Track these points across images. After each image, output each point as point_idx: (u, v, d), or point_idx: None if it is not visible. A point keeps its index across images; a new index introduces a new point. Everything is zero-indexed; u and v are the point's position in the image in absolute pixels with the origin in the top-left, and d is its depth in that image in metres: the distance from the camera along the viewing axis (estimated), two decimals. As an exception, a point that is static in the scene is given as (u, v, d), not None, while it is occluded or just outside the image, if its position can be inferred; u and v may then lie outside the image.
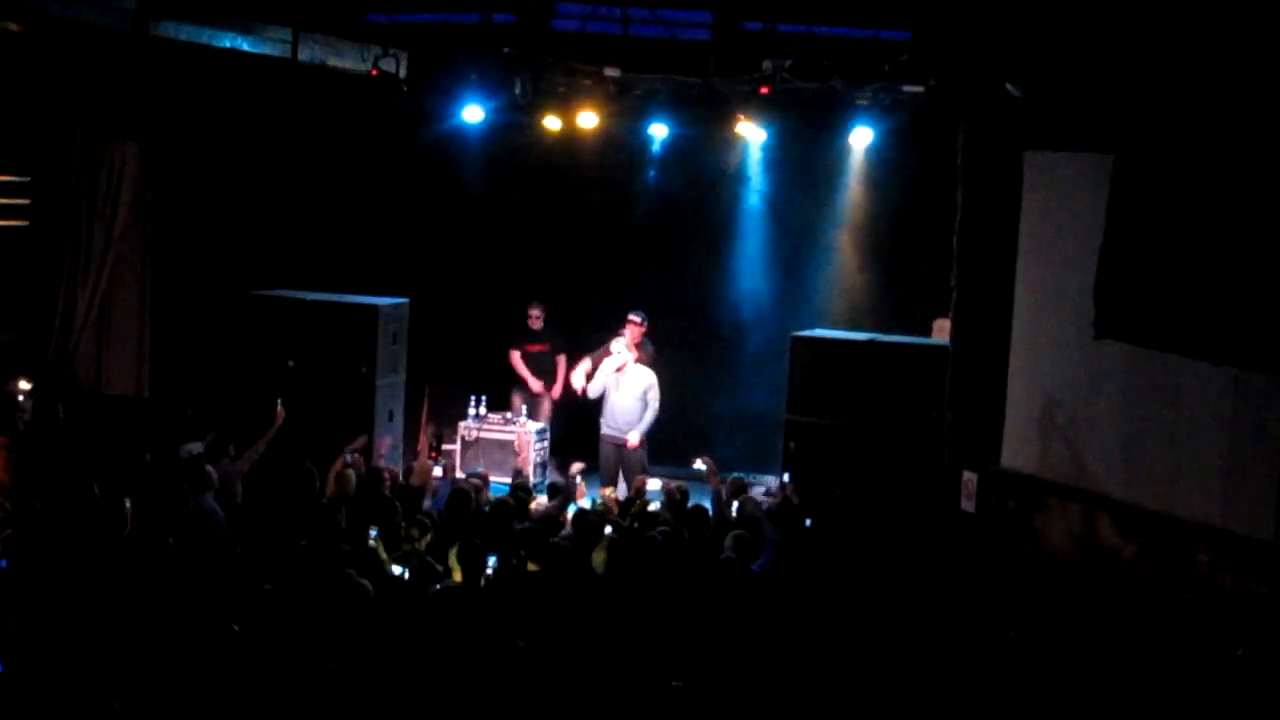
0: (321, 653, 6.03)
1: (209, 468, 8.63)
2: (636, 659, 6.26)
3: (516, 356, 12.50)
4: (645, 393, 11.49)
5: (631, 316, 11.69)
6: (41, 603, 6.56)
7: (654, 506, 9.39)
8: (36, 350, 10.96)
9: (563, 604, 6.92)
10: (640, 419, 11.45)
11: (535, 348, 12.50)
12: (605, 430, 11.58)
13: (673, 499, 9.21)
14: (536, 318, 12.41)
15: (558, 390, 12.42)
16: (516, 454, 11.66)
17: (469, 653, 6.14)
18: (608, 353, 11.54)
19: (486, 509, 8.93)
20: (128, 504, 7.86)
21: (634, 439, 11.39)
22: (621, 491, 10.87)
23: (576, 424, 12.32)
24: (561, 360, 12.44)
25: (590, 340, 12.09)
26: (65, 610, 6.48)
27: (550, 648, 6.29)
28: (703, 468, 10.18)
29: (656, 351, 11.88)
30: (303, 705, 5.71)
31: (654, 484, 10.56)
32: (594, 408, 11.73)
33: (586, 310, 12.68)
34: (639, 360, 11.61)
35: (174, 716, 5.67)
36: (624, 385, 11.48)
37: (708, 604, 6.99)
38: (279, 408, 9.79)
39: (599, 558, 7.83)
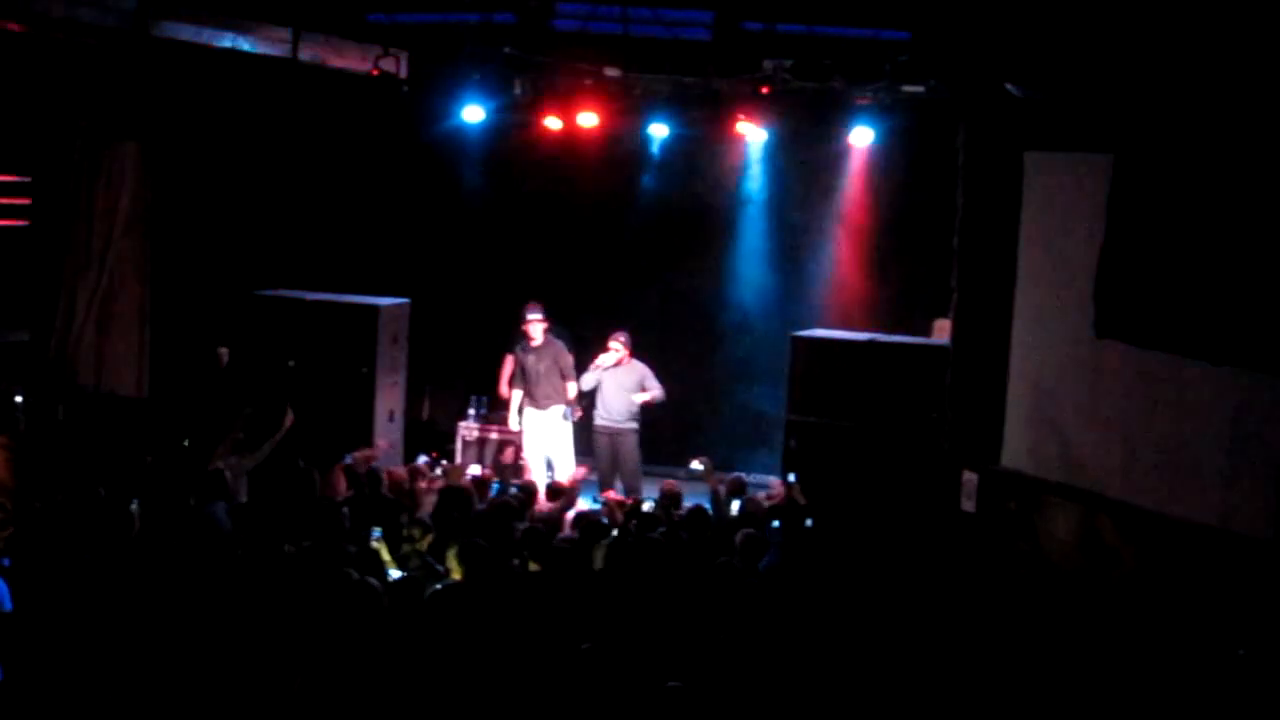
0: (323, 653, 6.03)
1: (227, 474, 8.62)
2: (636, 659, 6.26)
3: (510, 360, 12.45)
4: (639, 385, 11.46)
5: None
6: (45, 603, 6.56)
7: (647, 507, 9.40)
8: (36, 350, 10.97)
9: (563, 604, 6.92)
10: (633, 411, 11.45)
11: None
12: (599, 421, 11.59)
13: (668, 500, 9.22)
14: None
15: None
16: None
17: (469, 652, 6.14)
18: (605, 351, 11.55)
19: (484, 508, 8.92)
20: (134, 506, 7.86)
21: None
22: (620, 492, 10.90)
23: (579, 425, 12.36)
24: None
25: (589, 339, 12.09)
26: (72, 610, 6.48)
27: (550, 647, 6.29)
28: (700, 468, 10.18)
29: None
30: (305, 706, 5.71)
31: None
32: (593, 404, 11.74)
33: (585, 309, 12.67)
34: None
35: (177, 716, 5.68)
36: (616, 377, 11.47)
37: (708, 605, 6.98)
38: (288, 411, 9.77)
39: (599, 555, 7.84)
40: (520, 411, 11.62)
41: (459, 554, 7.49)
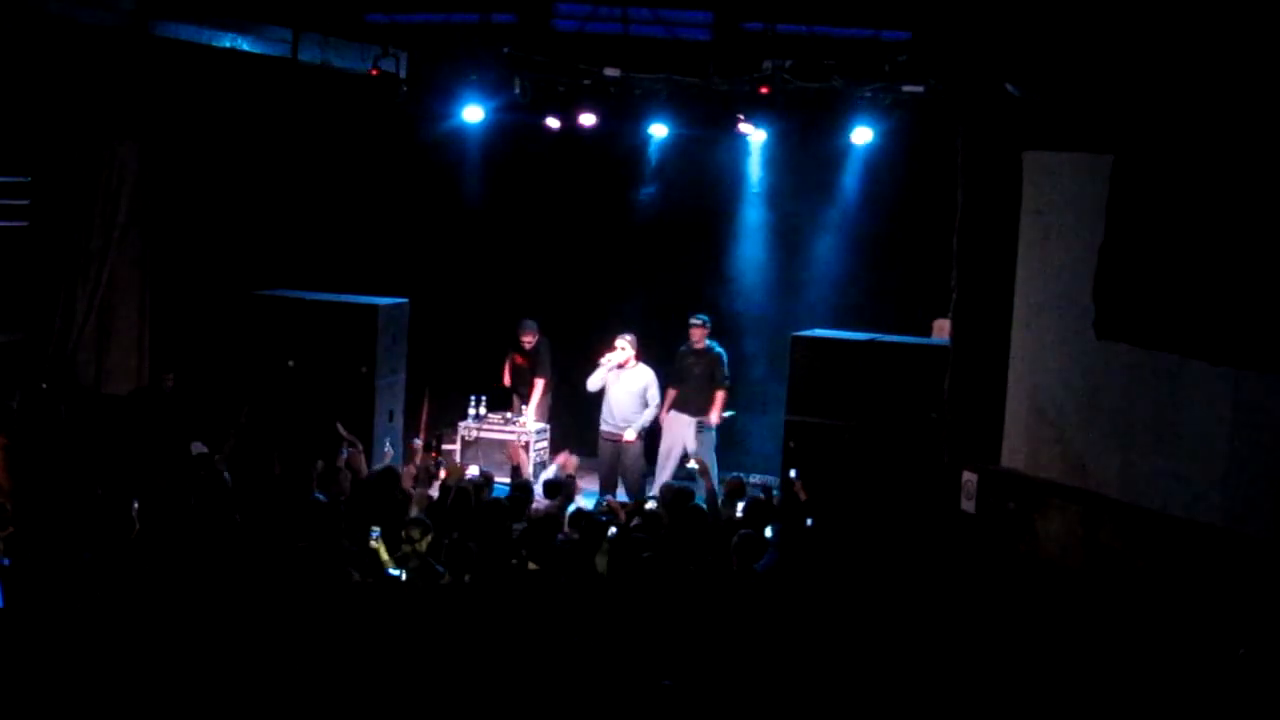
0: (322, 652, 6.03)
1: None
2: (633, 659, 6.26)
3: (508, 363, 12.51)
4: (644, 391, 11.49)
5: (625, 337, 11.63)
6: (45, 603, 6.56)
7: (650, 506, 9.39)
8: (36, 350, 10.97)
9: (562, 604, 6.92)
10: (639, 416, 11.45)
11: (520, 360, 12.46)
12: (604, 428, 11.58)
13: (671, 499, 9.21)
14: (528, 342, 12.29)
15: (537, 412, 12.29)
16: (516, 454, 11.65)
17: (468, 651, 6.14)
18: (610, 349, 11.53)
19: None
20: (135, 506, 7.87)
21: (630, 435, 11.40)
22: (623, 496, 10.88)
23: (575, 422, 12.34)
24: (538, 384, 12.26)
25: (590, 339, 12.09)
26: (71, 610, 6.48)
27: (549, 647, 6.29)
28: (697, 467, 10.17)
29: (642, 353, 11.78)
30: (304, 705, 5.71)
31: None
32: (594, 405, 11.72)
33: (585, 309, 12.68)
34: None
35: (177, 716, 5.68)
36: (623, 381, 11.48)
37: (705, 605, 6.99)
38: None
39: (601, 561, 7.83)
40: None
41: (446, 554, 7.48)
